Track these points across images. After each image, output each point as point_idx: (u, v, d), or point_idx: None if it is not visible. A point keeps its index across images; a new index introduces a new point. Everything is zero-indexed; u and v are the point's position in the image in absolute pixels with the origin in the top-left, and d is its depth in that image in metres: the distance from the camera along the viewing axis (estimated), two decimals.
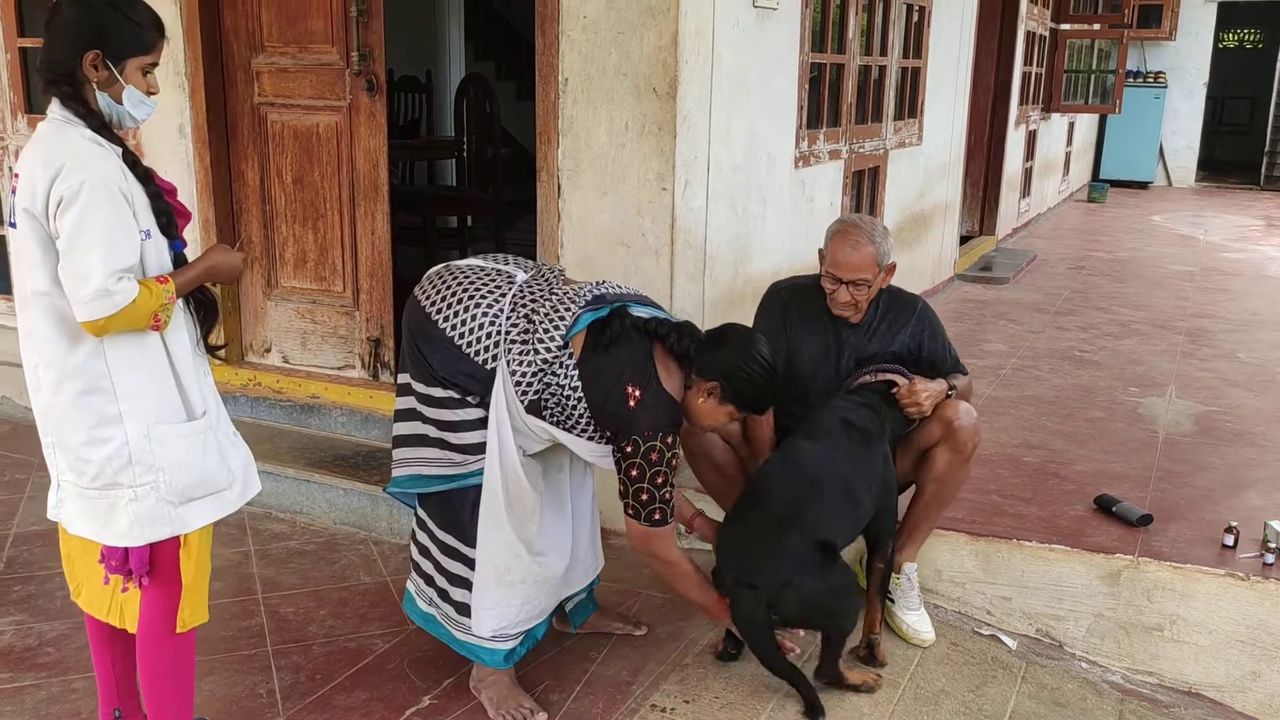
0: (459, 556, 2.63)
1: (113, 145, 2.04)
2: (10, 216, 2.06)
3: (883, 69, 5.24)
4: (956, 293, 6.83)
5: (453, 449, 2.56)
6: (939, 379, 2.92)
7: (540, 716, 2.60)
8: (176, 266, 2.11)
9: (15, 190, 2.02)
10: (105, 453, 2.05)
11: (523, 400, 2.45)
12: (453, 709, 2.65)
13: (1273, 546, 3.02)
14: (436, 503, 2.65)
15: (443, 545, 2.65)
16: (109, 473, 2.07)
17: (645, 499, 2.46)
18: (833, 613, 2.66)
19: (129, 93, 2.06)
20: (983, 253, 7.91)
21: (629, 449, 2.42)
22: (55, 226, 1.95)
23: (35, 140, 2.02)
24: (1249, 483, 3.65)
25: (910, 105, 5.78)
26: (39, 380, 2.10)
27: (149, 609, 2.19)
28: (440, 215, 6.14)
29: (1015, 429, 4.14)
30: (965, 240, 7.84)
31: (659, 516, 2.48)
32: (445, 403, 2.53)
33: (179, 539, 2.17)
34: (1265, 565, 2.98)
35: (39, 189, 1.95)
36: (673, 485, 2.49)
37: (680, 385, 2.50)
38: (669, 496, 2.49)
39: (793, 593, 2.59)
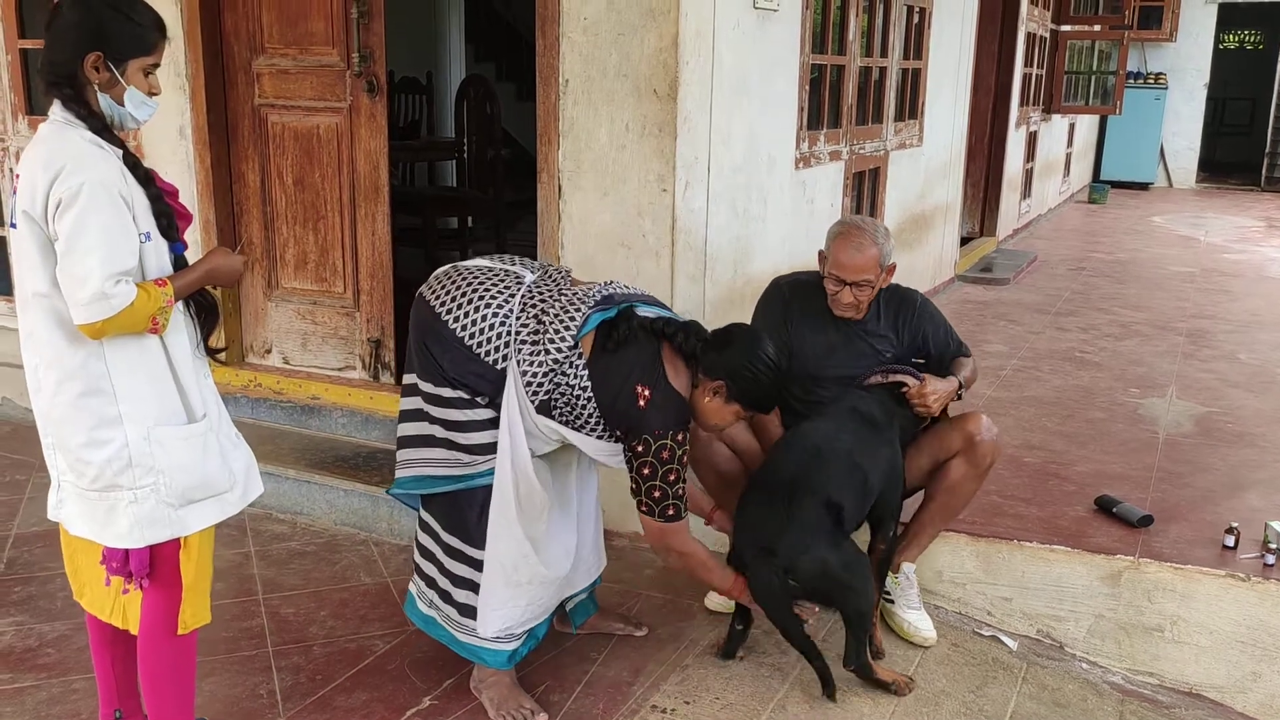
0: (464, 558, 2.62)
1: (113, 147, 2.03)
2: (11, 218, 2.06)
3: (883, 70, 5.24)
4: (957, 293, 6.83)
5: (460, 449, 2.55)
6: (950, 377, 2.94)
7: (541, 717, 2.60)
8: (177, 269, 2.11)
9: (16, 191, 2.02)
10: (105, 454, 2.05)
11: (533, 400, 2.46)
12: (453, 710, 2.65)
13: (1273, 547, 3.02)
14: (442, 505, 2.64)
15: (447, 547, 2.64)
16: (109, 474, 2.07)
17: (659, 496, 2.47)
18: (848, 586, 2.67)
19: (131, 94, 2.06)
20: (983, 254, 7.91)
21: (640, 448, 2.43)
22: (54, 229, 1.95)
23: (36, 142, 2.01)
24: (1249, 484, 3.65)
25: (911, 106, 5.78)
26: (39, 381, 2.10)
27: (149, 610, 2.19)
28: (441, 216, 6.15)
29: (1016, 430, 4.14)
30: (966, 241, 7.85)
31: (673, 512, 2.50)
32: (454, 403, 2.52)
33: (179, 541, 2.17)
34: (1266, 566, 2.99)
35: (38, 191, 1.95)
36: (684, 481, 2.51)
37: (688, 384, 2.52)
38: (681, 492, 2.51)
39: (809, 558, 2.64)
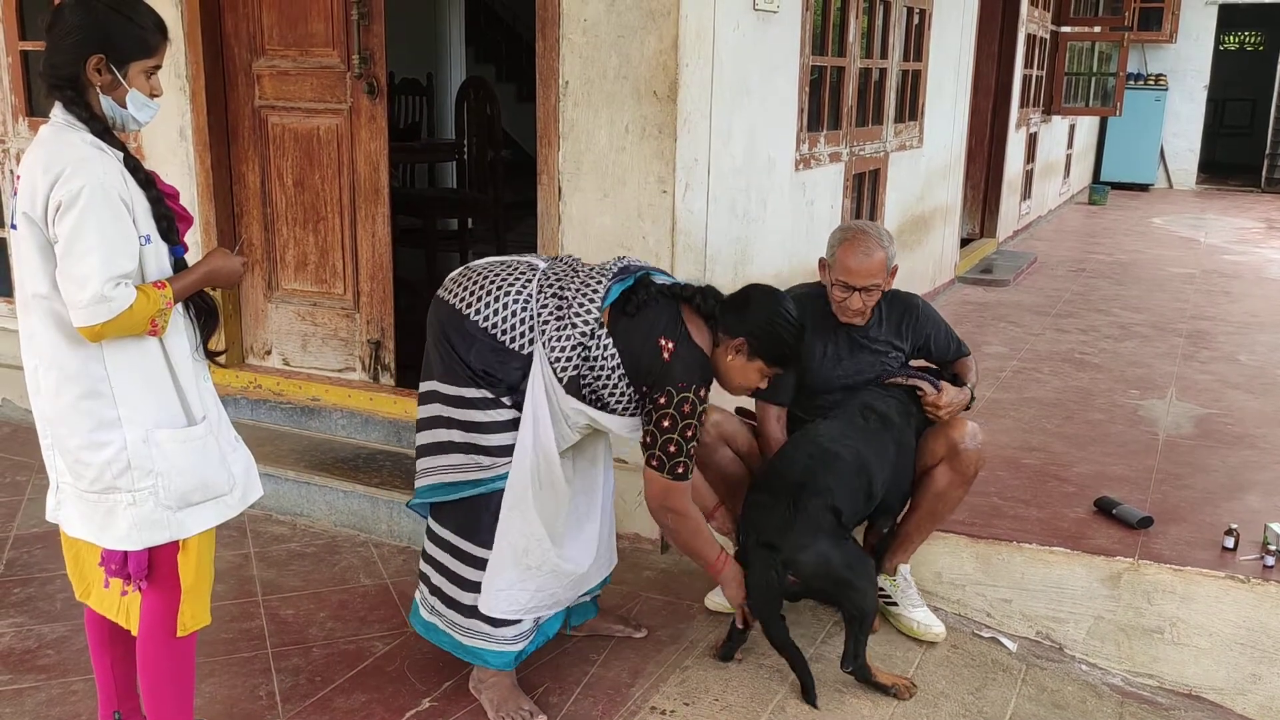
0: (473, 560, 2.60)
1: (115, 150, 2.03)
2: (11, 219, 2.06)
3: (883, 72, 5.24)
4: (957, 295, 6.83)
5: (481, 452, 2.53)
6: (963, 389, 2.99)
7: (540, 719, 2.60)
8: (177, 271, 2.11)
9: (16, 193, 2.02)
10: (104, 457, 2.05)
11: (561, 378, 2.45)
12: (452, 711, 2.65)
13: (1273, 549, 3.02)
14: (456, 511, 2.60)
15: (457, 551, 2.61)
16: (107, 477, 2.07)
17: (673, 450, 2.46)
18: (850, 585, 2.68)
19: (132, 96, 2.06)
20: (983, 255, 7.91)
21: (662, 400, 2.43)
22: (54, 231, 1.95)
23: (36, 144, 2.01)
24: (1249, 485, 3.65)
25: (911, 108, 5.78)
26: (38, 383, 2.10)
27: (148, 612, 2.19)
28: (441, 218, 6.14)
29: (1015, 431, 4.14)
30: (966, 243, 7.85)
31: (681, 470, 2.49)
32: (477, 403, 2.51)
33: (178, 543, 2.16)
34: (1265, 568, 2.99)
35: (38, 193, 1.95)
36: (698, 441, 2.50)
37: (709, 344, 2.53)
38: (694, 452, 2.49)
39: (812, 554, 2.65)
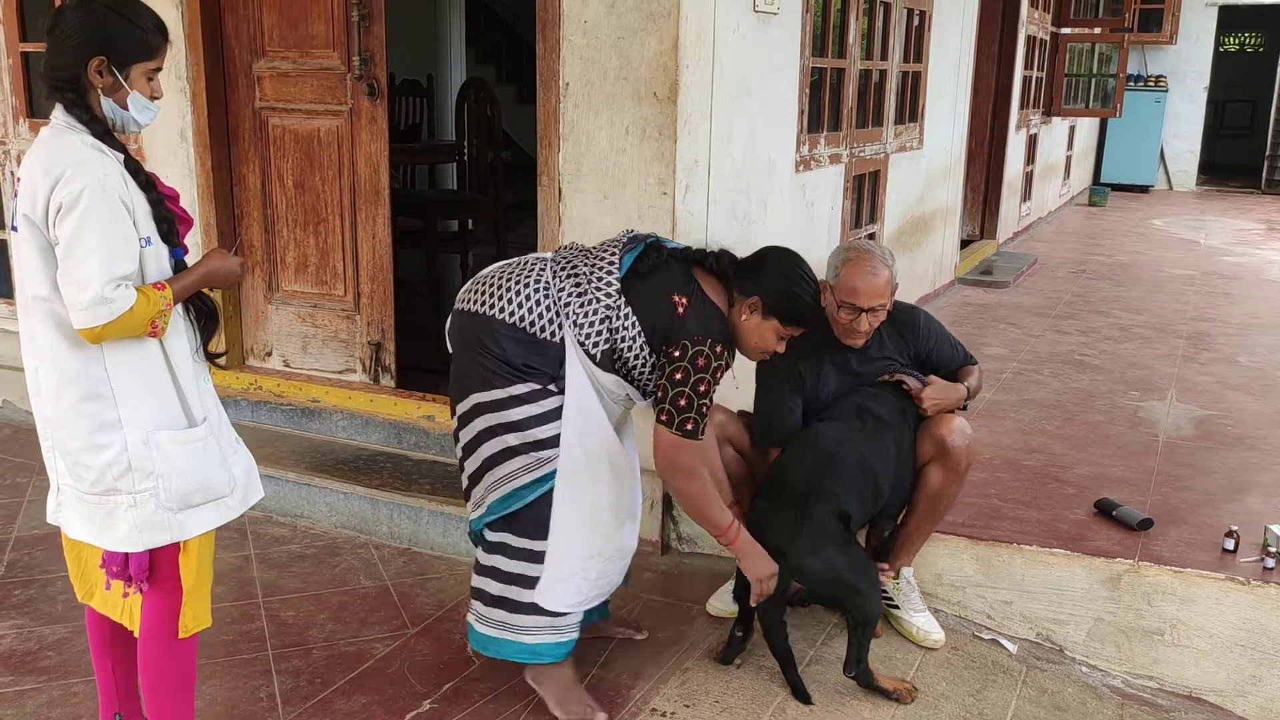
0: (528, 555, 2.56)
1: (115, 152, 2.03)
2: (12, 220, 2.06)
3: (883, 73, 5.24)
4: (957, 296, 6.83)
5: (542, 446, 2.49)
6: (955, 385, 2.97)
7: (600, 716, 2.61)
8: (176, 273, 2.11)
9: (17, 194, 2.02)
10: (104, 459, 2.06)
11: (594, 355, 2.44)
12: (452, 713, 2.65)
13: (1273, 551, 3.02)
14: (531, 516, 2.55)
15: (511, 550, 2.56)
16: (108, 479, 2.07)
17: (684, 404, 2.40)
18: (855, 590, 2.68)
19: (133, 98, 2.06)
20: (983, 256, 7.91)
21: (676, 353, 2.40)
22: (55, 233, 1.95)
23: (37, 146, 2.02)
24: (1249, 487, 3.64)
25: (911, 109, 5.78)
26: (39, 385, 2.10)
27: (149, 614, 2.19)
28: (441, 219, 6.14)
29: (1015, 433, 4.14)
30: (966, 244, 7.85)
31: (690, 427, 2.43)
32: (529, 397, 2.47)
33: (178, 545, 2.17)
34: (1265, 569, 2.98)
35: (39, 195, 1.95)
36: (712, 400, 2.44)
37: (725, 303, 2.51)
38: (705, 410, 2.44)
39: (818, 560, 2.66)
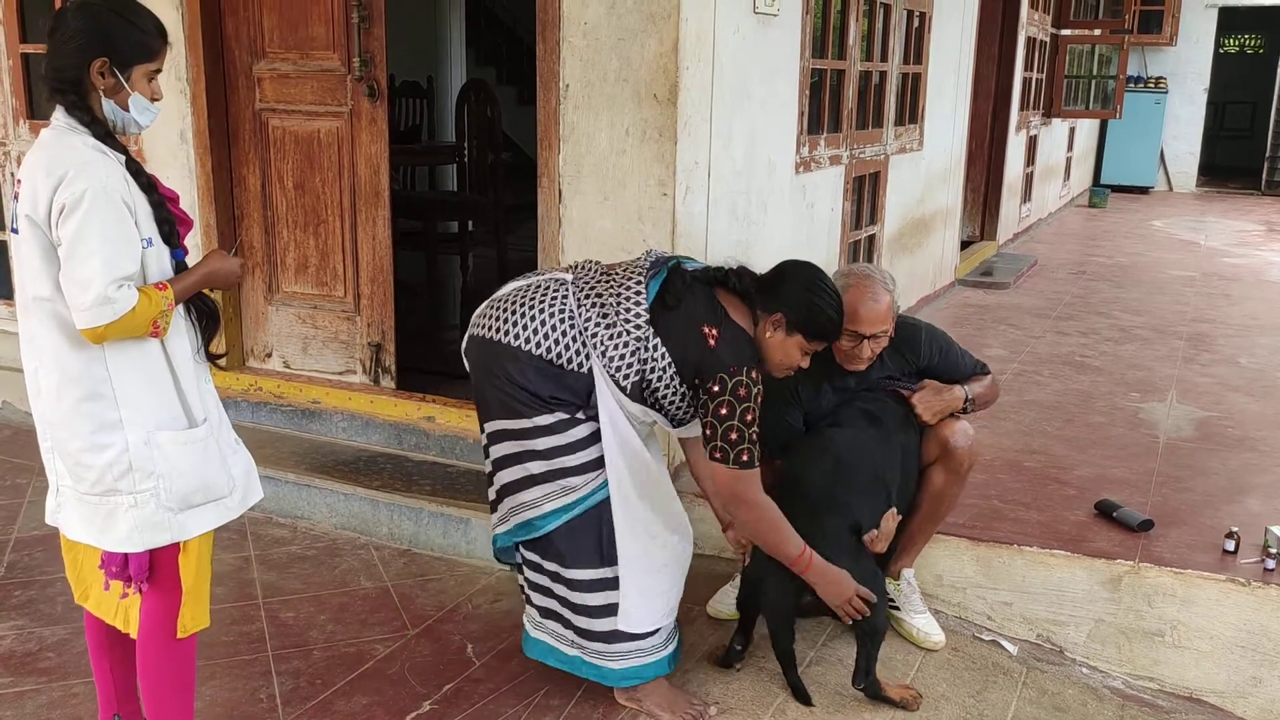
0: (601, 584, 2.54)
1: (116, 153, 2.04)
2: (12, 222, 2.07)
3: (883, 74, 5.24)
4: (957, 298, 6.84)
5: (570, 474, 2.48)
6: (952, 388, 2.95)
7: (712, 709, 2.62)
8: (177, 274, 2.11)
9: (18, 196, 2.02)
10: (105, 459, 2.06)
11: (624, 386, 2.42)
12: (452, 714, 2.65)
13: (1274, 552, 3.01)
14: (559, 541, 2.54)
15: (575, 583, 2.55)
16: (109, 479, 2.07)
17: (735, 438, 2.39)
18: (868, 602, 2.67)
19: (135, 99, 2.07)
20: (983, 258, 7.91)
21: (716, 388, 2.38)
22: (57, 234, 1.96)
23: (38, 147, 2.02)
24: (1250, 488, 3.64)
25: (911, 111, 5.78)
26: (39, 385, 2.10)
27: (149, 614, 2.19)
28: (441, 220, 6.15)
29: (1016, 434, 4.14)
30: (966, 245, 7.85)
31: (746, 458, 2.42)
32: (556, 427, 2.45)
33: (178, 545, 2.17)
34: (1266, 570, 2.98)
35: (41, 196, 1.95)
36: (758, 425, 2.43)
37: (750, 323, 2.50)
38: (756, 436, 2.42)
39: None
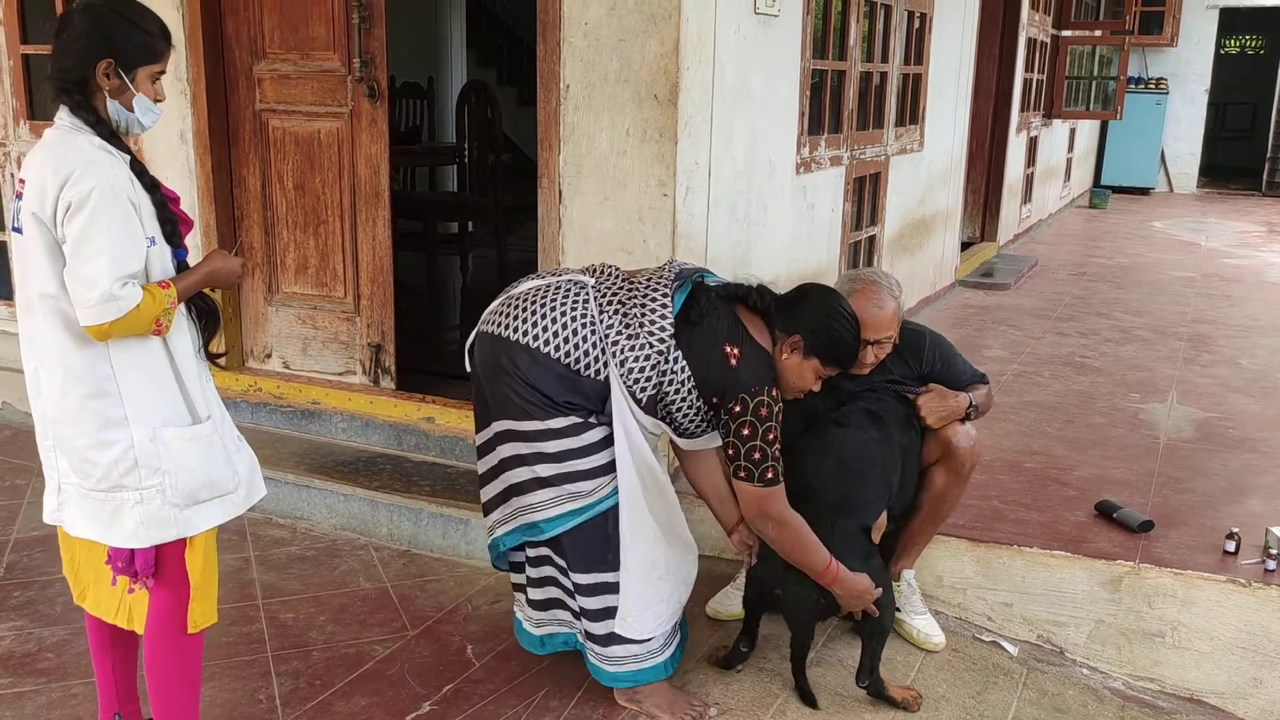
0: (605, 589, 2.54)
1: (121, 153, 2.06)
2: (14, 222, 2.07)
3: (884, 75, 5.24)
4: (958, 298, 6.83)
5: (580, 478, 2.47)
6: (962, 396, 2.94)
7: (712, 710, 2.62)
8: (178, 273, 2.12)
9: (20, 196, 2.03)
10: (111, 456, 2.07)
11: (640, 398, 2.42)
12: (452, 714, 2.65)
13: (1274, 553, 3.01)
14: (567, 543, 2.53)
15: (582, 587, 2.55)
16: (115, 475, 2.08)
17: (758, 458, 2.42)
18: (876, 601, 2.68)
19: (139, 100, 2.09)
20: (984, 259, 7.91)
21: (738, 409, 2.40)
22: (63, 232, 1.97)
23: (43, 147, 2.03)
24: (1250, 489, 3.64)
25: (911, 111, 5.78)
26: (40, 384, 2.11)
27: (157, 611, 2.20)
28: (441, 221, 6.15)
29: (1016, 435, 4.14)
30: (966, 246, 7.85)
31: (771, 475, 2.44)
32: (568, 430, 2.45)
33: (184, 540, 2.17)
34: (1267, 571, 2.98)
35: (48, 194, 1.96)
36: (780, 442, 2.45)
37: (769, 342, 2.51)
38: (779, 454, 2.45)
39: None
